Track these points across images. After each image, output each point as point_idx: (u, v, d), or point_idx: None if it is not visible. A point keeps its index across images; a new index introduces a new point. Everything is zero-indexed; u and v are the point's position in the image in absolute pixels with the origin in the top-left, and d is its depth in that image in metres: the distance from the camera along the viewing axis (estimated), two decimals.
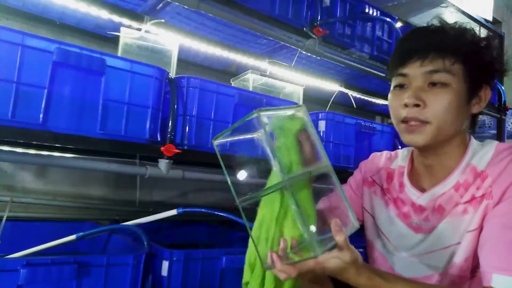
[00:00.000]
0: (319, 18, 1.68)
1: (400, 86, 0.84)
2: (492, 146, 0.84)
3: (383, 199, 0.98)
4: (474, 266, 0.80)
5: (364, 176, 1.05)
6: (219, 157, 0.73)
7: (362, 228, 1.04)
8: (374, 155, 1.09)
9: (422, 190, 0.90)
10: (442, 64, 0.78)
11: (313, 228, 0.69)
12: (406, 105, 0.80)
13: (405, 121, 0.82)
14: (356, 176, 1.08)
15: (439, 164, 0.87)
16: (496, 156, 0.82)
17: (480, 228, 0.78)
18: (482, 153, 0.84)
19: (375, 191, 1.01)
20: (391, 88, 0.87)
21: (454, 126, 0.82)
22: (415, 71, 0.80)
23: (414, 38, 0.84)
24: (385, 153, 1.06)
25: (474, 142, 0.88)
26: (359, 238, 0.96)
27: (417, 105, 0.79)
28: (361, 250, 1.02)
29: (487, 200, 0.78)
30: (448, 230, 0.82)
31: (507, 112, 2.86)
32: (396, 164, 1.00)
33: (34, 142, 1.08)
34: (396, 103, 0.84)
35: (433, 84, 0.79)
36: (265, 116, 0.68)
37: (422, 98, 0.79)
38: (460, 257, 0.81)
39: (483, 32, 4.68)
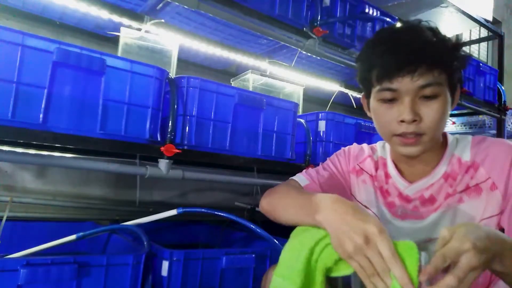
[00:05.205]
0: (319, 18, 1.68)
1: (389, 100, 0.83)
2: (467, 138, 0.90)
3: (373, 186, 0.98)
4: None
5: (349, 162, 1.05)
6: None
7: None
8: (355, 145, 1.10)
9: (410, 181, 0.91)
10: (432, 77, 0.78)
11: None
12: (402, 121, 0.80)
13: (400, 135, 0.82)
14: (341, 159, 1.07)
15: (424, 158, 0.89)
16: (475, 145, 0.86)
17: (497, 215, 0.80)
18: (462, 145, 0.89)
19: (364, 180, 1.01)
20: (376, 101, 0.85)
21: (443, 129, 0.86)
22: (406, 86, 0.79)
23: (398, 50, 0.80)
24: (365, 145, 1.09)
25: (448, 134, 0.92)
26: None
27: (414, 120, 0.80)
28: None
29: (490, 190, 0.81)
30: (444, 220, 0.84)
31: (507, 112, 2.86)
32: (377, 156, 1.02)
33: (34, 142, 1.08)
34: (387, 119, 0.83)
35: (425, 97, 0.79)
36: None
37: (418, 113, 0.80)
38: None
39: (483, 32, 4.68)
